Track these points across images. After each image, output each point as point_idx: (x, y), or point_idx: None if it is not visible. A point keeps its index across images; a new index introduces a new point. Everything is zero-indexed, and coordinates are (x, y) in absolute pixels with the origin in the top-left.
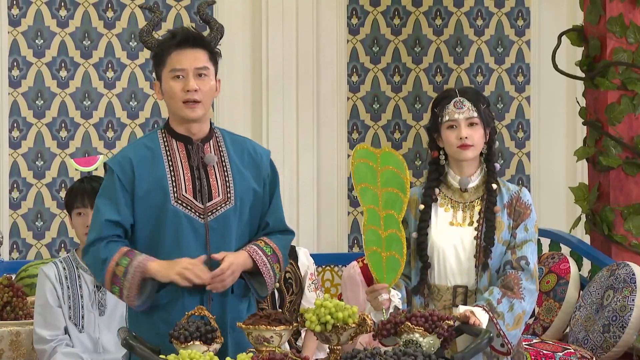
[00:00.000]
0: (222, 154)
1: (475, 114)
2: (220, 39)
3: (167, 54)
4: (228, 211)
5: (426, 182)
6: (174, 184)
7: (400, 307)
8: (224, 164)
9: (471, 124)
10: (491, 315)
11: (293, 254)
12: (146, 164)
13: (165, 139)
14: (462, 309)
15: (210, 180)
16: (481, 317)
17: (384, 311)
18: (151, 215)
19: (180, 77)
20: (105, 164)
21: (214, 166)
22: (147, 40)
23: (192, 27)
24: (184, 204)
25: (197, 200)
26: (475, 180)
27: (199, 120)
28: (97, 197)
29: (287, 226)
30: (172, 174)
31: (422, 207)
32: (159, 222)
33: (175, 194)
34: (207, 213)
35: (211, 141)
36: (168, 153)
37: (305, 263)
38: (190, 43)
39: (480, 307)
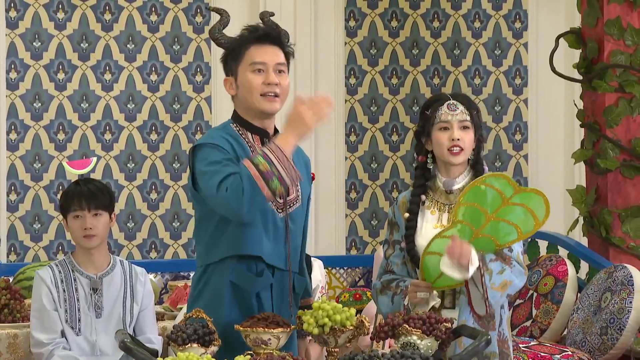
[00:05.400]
0: None
1: (468, 118)
2: (287, 42)
3: (246, 48)
4: (298, 209)
5: (412, 190)
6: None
7: (436, 304)
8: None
9: (464, 127)
10: (481, 265)
11: (308, 264)
12: (236, 149)
13: (240, 132)
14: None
15: None
16: (473, 258)
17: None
18: None
19: (261, 70)
20: (194, 146)
21: None
22: (219, 38)
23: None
24: None
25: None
26: (460, 182)
27: (273, 116)
28: (199, 171)
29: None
30: None
31: (407, 215)
32: None
33: None
34: (286, 207)
35: None
36: (249, 145)
37: (318, 277)
38: (270, 40)
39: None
